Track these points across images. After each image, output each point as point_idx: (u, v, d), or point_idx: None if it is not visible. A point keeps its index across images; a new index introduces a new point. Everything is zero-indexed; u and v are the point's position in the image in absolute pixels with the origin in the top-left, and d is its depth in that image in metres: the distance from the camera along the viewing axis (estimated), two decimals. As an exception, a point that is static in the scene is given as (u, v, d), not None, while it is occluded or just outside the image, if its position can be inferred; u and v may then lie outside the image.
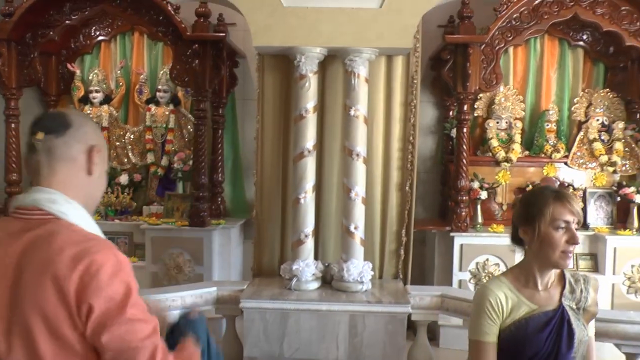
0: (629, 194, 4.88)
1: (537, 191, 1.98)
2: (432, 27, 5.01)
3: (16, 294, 1.22)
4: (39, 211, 1.32)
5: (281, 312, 3.60)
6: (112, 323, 1.21)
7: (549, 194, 1.87)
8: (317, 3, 3.63)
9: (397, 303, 3.60)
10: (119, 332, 1.22)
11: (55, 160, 1.36)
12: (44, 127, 1.35)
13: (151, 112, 5.36)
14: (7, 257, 1.26)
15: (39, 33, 4.95)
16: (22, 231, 1.28)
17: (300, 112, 3.75)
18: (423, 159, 5.52)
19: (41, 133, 1.35)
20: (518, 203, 2.02)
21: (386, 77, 4.00)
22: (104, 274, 1.21)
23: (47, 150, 1.35)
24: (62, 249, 1.22)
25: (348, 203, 3.78)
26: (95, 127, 1.50)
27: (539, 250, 1.84)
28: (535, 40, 5.24)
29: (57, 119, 1.38)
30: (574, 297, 1.89)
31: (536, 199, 1.88)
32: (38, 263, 1.22)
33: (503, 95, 5.18)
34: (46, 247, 1.24)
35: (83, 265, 1.20)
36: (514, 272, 1.94)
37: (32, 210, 1.32)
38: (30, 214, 1.32)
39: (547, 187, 1.95)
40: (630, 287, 4.78)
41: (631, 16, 4.58)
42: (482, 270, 4.75)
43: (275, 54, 3.94)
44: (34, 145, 1.35)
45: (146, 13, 4.88)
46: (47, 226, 1.29)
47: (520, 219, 1.91)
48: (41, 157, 1.35)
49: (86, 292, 1.19)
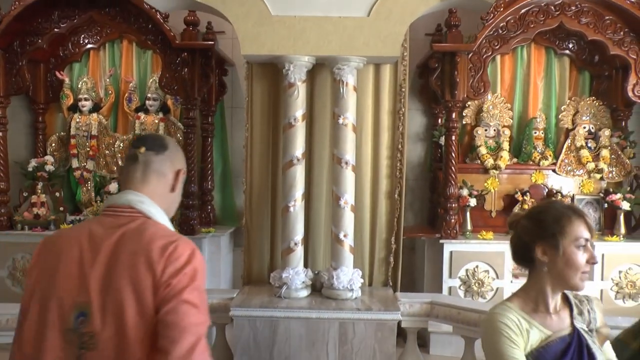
0: (615, 200, 4.93)
1: (551, 206, 1.79)
2: (420, 35, 5.05)
3: (112, 275, 1.46)
4: (129, 209, 1.59)
5: (271, 320, 3.60)
6: (173, 299, 1.43)
7: (567, 210, 1.75)
8: (304, 12, 3.65)
9: (387, 310, 3.61)
10: (175, 308, 1.43)
11: (150, 172, 1.66)
12: (146, 143, 1.67)
13: (140, 120, 5.34)
14: (104, 246, 1.50)
15: (27, 41, 4.94)
16: (115, 226, 1.55)
17: (289, 121, 3.76)
18: (412, 166, 5.55)
19: (143, 148, 1.65)
20: (527, 219, 1.80)
21: (374, 86, 4.03)
22: (181, 262, 1.48)
23: (145, 163, 1.65)
24: (153, 240, 1.50)
25: (337, 211, 3.79)
26: (183, 155, 1.83)
27: (560, 271, 1.71)
28: (522, 48, 5.28)
29: (157, 141, 1.72)
30: (584, 319, 1.79)
31: (557, 215, 1.73)
32: (132, 250, 1.49)
33: (491, 103, 5.22)
34: (139, 238, 1.51)
35: (168, 252, 1.48)
36: (520, 296, 1.79)
37: (123, 209, 1.60)
38: (121, 212, 1.59)
39: (557, 202, 1.85)
40: (618, 293, 4.81)
41: (615, 25, 4.64)
42: (472, 277, 4.77)
43: (264, 63, 3.96)
44: (136, 155, 1.65)
45: (135, 21, 4.88)
46: (137, 222, 1.57)
47: (536, 236, 1.74)
48: (138, 167, 1.65)
49: (167, 273, 1.45)
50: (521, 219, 1.81)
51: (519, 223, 1.81)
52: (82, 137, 5.35)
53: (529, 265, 1.79)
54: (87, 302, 1.45)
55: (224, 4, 3.68)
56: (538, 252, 1.73)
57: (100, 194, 5.31)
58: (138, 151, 1.65)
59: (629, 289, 4.78)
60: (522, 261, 1.82)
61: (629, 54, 4.66)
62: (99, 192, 5.36)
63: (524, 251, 1.78)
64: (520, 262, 1.83)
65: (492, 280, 4.77)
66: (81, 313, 1.44)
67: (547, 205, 1.82)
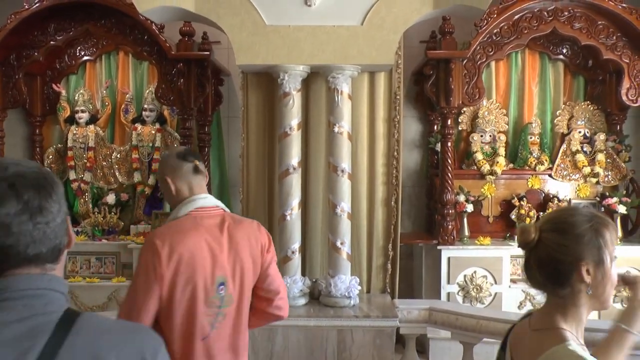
0: (612, 204, 4.94)
1: (580, 215, 1.49)
2: (414, 42, 5.08)
3: (236, 252, 2.03)
4: (216, 208, 2.09)
5: (269, 329, 3.59)
6: (272, 261, 2.15)
7: (599, 217, 1.49)
8: (298, 21, 3.67)
9: (385, 317, 3.61)
10: (273, 269, 2.15)
11: (203, 178, 2.14)
12: (196, 157, 2.13)
13: (137, 131, 5.36)
14: (223, 237, 2.03)
15: (24, 54, 4.97)
16: (220, 222, 2.06)
17: (284, 130, 3.78)
18: (408, 173, 5.56)
19: (196, 160, 2.11)
20: (559, 234, 1.45)
21: (369, 94, 4.05)
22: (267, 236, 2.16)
23: (202, 171, 2.12)
24: (249, 224, 2.12)
25: (334, 219, 3.80)
26: None
27: (602, 291, 1.47)
28: (517, 54, 5.32)
29: (196, 153, 2.34)
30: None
31: (595, 225, 1.45)
32: (243, 233, 2.07)
33: (486, 109, 5.24)
34: (241, 225, 2.09)
35: (261, 231, 2.15)
36: (567, 329, 1.45)
37: (213, 208, 2.08)
38: (213, 210, 2.08)
39: (579, 208, 1.60)
40: (616, 296, 4.80)
41: (607, 30, 4.68)
42: (470, 282, 4.77)
43: (259, 72, 3.98)
44: (197, 166, 2.09)
45: (131, 33, 4.92)
46: (226, 215, 2.10)
47: (579, 254, 1.43)
48: (201, 176, 2.11)
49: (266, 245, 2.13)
50: (543, 234, 1.47)
51: (544, 240, 1.47)
52: (79, 149, 5.37)
53: (562, 288, 1.46)
54: (224, 275, 2.00)
55: (219, 15, 3.70)
56: (583, 272, 1.43)
57: (98, 205, 5.32)
58: (196, 164, 2.09)
59: (627, 292, 4.76)
60: (555, 285, 1.47)
61: (622, 59, 4.70)
62: (97, 204, 5.37)
63: (559, 274, 1.45)
64: (550, 286, 1.48)
65: (490, 286, 4.77)
66: (221, 283, 2.00)
67: (574, 214, 1.50)
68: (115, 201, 5.33)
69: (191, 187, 2.09)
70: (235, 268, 2.04)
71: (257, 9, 3.69)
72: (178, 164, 2.09)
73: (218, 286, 2.01)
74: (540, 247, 1.47)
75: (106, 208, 5.27)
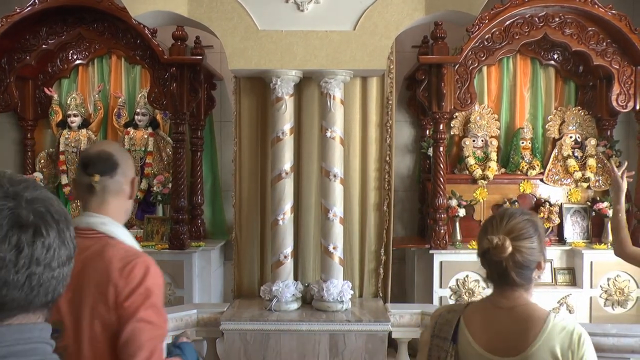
0: (602, 208, 4.98)
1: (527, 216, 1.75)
2: (406, 47, 5.10)
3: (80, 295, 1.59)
4: (91, 232, 1.69)
5: (262, 333, 3.59)
6: (130, 319, 1.57)
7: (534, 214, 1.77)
8: (291, 26, 3.68)
9: (377, 321, 3.61)
10: (131, 327, 1.57)
11: (108, 194, 1.74)
12: (98, 170, 1.71)
13: (130, 135, 5.35)
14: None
15: (15, 58, 4.95)
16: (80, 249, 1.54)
17: (277, 134, 3.78)
18: (401, 177, 5.58)
19: (97, 175, 1.71)
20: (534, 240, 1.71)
21: (361, 99, 4.06)
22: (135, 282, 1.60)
23: (102, 188, 1.73)
24: (111, 262, 1.61)
25: (326, 223, 3.80)
26: (130, 158, 1.89)
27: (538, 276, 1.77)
28: (508, 59, 5.35)
29: (108, 162, 1.74)
30: None
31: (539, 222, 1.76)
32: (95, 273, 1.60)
33: (478, 114, 5.27)
34: (100, 261, 1.62)
35: (125, 273, 1.59)
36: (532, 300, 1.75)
37: (86, 231, 1.68)
38: (84, 234, 1.66)
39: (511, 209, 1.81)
40: (607, 300, 4.85)
41: (598, 36, 4.72)
42: (462, 286, 4.79)
43: (252, 77, 3.99)
44: (92, 185, 1.71)
45: (123, 37, 4.91)
46: (99, 244, 1.66)
47: (541, 250, 1.73)
48: (96, 194, 1.72)
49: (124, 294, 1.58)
50: (514, 243, 1.67)
51: (519, 248, 1.67)
52: (72, 153, 5.35)
53: (529, 281, 1.72)
54: (59, 321, 1.56)
55: (211, 20, 3.71)
56: (543, 264, 1.72)
57: (90, 209, 5.30)
58: (92, 180, 1.71)
59: (618, 296, 4.81)
60: (525, 280, 1.71)
61: (612, 65, 4.74)
62: (89, 208, 5.34)
63: (530, 270, 1.71)
64: (520, 282, 1.70)
65: (482, 290, 4.79)
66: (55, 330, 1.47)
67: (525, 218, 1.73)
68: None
69: (84, 202, 1.77)
70: (76, 314, 1.60)
71: (249, 14, 3.69)
72: (78, 172, 1.78)
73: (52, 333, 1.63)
74: (516, 255, 1.67)
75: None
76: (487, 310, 1.76)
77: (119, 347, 1.57)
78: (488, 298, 1.79)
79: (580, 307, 4.82)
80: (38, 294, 0.90)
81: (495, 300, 1.75)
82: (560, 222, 5.13)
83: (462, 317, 1.77)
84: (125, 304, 1.58)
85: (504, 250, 1.65)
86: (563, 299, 4.81)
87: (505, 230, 1.69)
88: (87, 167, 1.73)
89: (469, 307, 1.80)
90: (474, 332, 1.73)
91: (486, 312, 1.76)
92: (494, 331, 1.71)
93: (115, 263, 1.61)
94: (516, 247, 1.66)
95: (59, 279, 0.93)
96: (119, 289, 1.59)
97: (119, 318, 1.58)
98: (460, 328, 1.76)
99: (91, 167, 1.72)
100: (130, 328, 1.57)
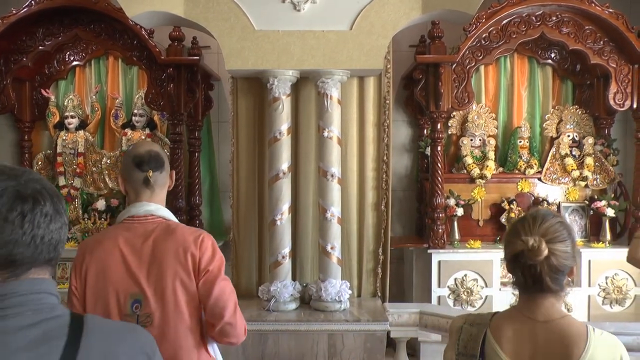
0: (600, 207, 4.98)
1: (559, 218, 1.68)
2: (403, 47, 5.10)
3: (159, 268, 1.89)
4: (151, 217, 1.99)
5: (260, 334, 3.59)
6: (216, 280, 1.92)
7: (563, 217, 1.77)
8: (288, 26, 3.68)
9: (376, 321, 3.61)
10: (220, 285, 1.92)
11: (157, 187, 2.05)
12: (151, 167, 2.02)
13: (127, 136, 5.34)
14: (144, 249, 1.91)
15: (12, 59, 4.94)
16: (147, 231, 1.95)
17: (274, 135, 3.78)
18: (399, 177, 5.58)
19: (151, 171, 2.02)
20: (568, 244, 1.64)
21: (359, 98, 4.06)
22: (210, 250, 1.95)
23: (155, 182, 2.03)
24: (184, 235, 1.94)
25: (324, 223, 3.80)
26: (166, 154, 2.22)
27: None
28: (505, 59, 5.35)
29: (158, 160, 2.06)
30: None
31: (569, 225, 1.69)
32: (173, 246, 1.91)
33: (476, 113, 5.27)
34: (173, 236, 1.94)
35: (199, 243, 1.94)
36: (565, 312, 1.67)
37: (146, 217, 1.99)
38: (144, 220, 1.98)
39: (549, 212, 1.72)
40: (606, 299, 4.85)
41: (595, 35, 4.72)
42: (460, 286, 4.79)
43: (249, 77, 3.99)
44: (148, 179, 2.02)
45: (120, 38, 4.91)
46: (162, 225, 1.98)
47: (575, 254, 1.67)
48: (150, 186, 2.03)
49: (204, 261, 1.93)
50: (550, 245, 1.60)
51: (554, 251, 1.60)
52: (69, 155, 5.34)
53: (562, 288, 1.64)
54: (139, 292, 1.87)
55: (208, 20, 3.71)
56: (574, 269, 1.67)
57: (88, 211, 5.29)
58: (148, 175, 2.02)
59: (616, 294, 4.82)
60: (559, 286, 1.63)
61: (609, 63, 4.75)
62: (87, 210, 5.34)
63: (564, 275, 1.63)
64: (555, 287, 1.62)
65: (481, 289, 4.79)
66: (136, 300, 1.85)
67: (558, 220, 1.66)
68: (106, 207, 5.30)
69: (138, 194, 2.05)
70: (157, 284, 1.89)
71: (246, 14, 3.69)
72: (131, 169, 2.04)
73: (132, 304, 1.87)
74: (551, 259, 1.58)
75: (96, 214, 5.24)
76: (519, 322, 1.64)
77: (212, 304, 1.91)
78: (517, 308, 1.68)
79: (579, 306, 4.83)
80: (42, 251, 1.12)
81: (527, 310, 1.64)
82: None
83: (488, 330, 1.65)
84: (210, 268, 1.92)
85: (540, 253, 1.57)
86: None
87: (539, 233, 1.60)
88: (142, 164, 2.01)
89: (495, 318, 1.68)
90: (506, 348, 1.61)
91: (518, 324, 1.64)
92: (530, 348, 1.60)
93: (188, 237, 1.94)
94: (552, 250, 1.58)
95: (57, 240, 1.15)
96: (198, 257, 1.92)
97: (205, 282, 1.91)
98: (489, 343, 1.64)
99: (145, 164, 2.02)
100: (219, 287, 1.92)
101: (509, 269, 1.68)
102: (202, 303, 1.94)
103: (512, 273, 1.66)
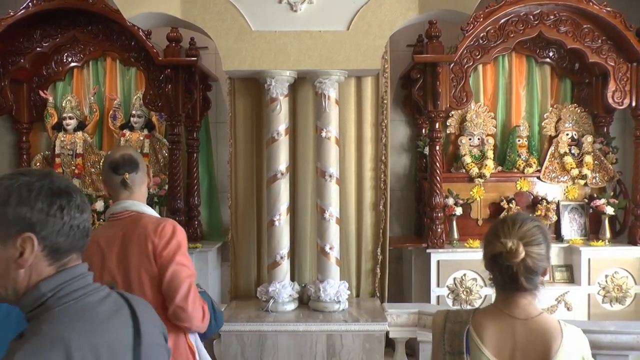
0: (599, 205, 4.97)
1: (536, 222, 1.78)
2: (401, 46, 5.09)
3: (126, 256, 2.14)
4: (126, 212, 2.24)
5: (259, 334, 3.60)
6: (170, 263, 2.13)
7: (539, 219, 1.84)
8: (285, 27, 3.68)
9: (374, 321, 3.61)
10: (172, 269, 2.13)
11: (134, 186, 2.28)
12: (126, 169, 2.25)
13: (125, 137, 5.33)
14: (116, 241, 2.16)
15: (9, 61, 4.94)
16: (121, 226, 2.19)
17: (272, 135, 3.78)
18: (397, 177, 5.57)
19: (127, 173, 2.25)
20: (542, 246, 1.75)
21: (356, 98, 4.06)
22: (168, 236, 2.15)
23: (132, 182, 2.27)
24: (146, 224, 2.17)
25: (322, 224, 3.80)
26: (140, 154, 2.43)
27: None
28: (503, 58, 5.34)
29: (132, 163, 2.29)
30: None
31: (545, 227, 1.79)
32: (136, 234, 2.15)
33: (474, 112, 5.26)
34: (137, 225, 2.17)
35: (159, 230, 2.15)
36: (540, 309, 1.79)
37: (122, 213, 2.24)
38: (120, 215, 2.24)
39: (526, 215, 1.82)
40: (605, 297, 4.84)
41: (593, 34, 4.71)
42: (459, 285, 4.78)
43: (246, 78, 3.99)
44: (125, 181, 2.25)
45: (118, 39, 4.90)
46: (133, 217, 2.22)
47: (549, 255, 1.78)
48: (127, 187, 2.26)
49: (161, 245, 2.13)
50: (527, 248, 1.69)
51: (530, 254, 1.69)
52: (67, 156, 5.34)
53: (536, 287, 1.74)
54: (112, 281, 2.08)
55: (205, 21, 3.70)
56: (548, 270, 1.77)
57: (87, 212, 5.28)
58: (125, 178, 2.24)
59: (616, 293, 4.81)
60: (533, 285, 1.73)
61: (607, 62, 4.74)
62: (85, 211, 5.33)
63: (538, 276, 1.74)
64: (530, 286, 1.73)
65: (480, 288, 4.78)
66: (111, 287, 1.97)
67: (535, 224, 1.76)
68: (104, 208, 5.28)
69: (117, 195, 2.29)
70: (126, 271, 2.14)
71: (243, 15, 3.69)
72: (109, 174, 2.28)
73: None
74: (527, 260, 1.69)
75: (95, 215, 5.24)
76: (499, 319, 1.74)
77: (165, 286, 2.12)
78: (496, 305, 1.77)
79: (578, 304, 4.82)
80: (77, 239, 1.28)
81: (506, 308, 1.74)
82: (558, 220, 5.13)
83: (470, 327, 1.74)
84: (164, 253, 2.13)
85: (517, 255, 1.66)
86: (561, 297, 4.80)
87: (518, 235, 1.70)
88: (118, 169, 2.24)
89: (475, 315, 1.77)
90: (488, 344, 1.71)
91: (498, 321, 1.74)
92: (511, 344, 1.69)
93: (150, 226, 2.17)
94: (528, 252, 1.68)
95: (86, 229, 1.31)
96: (156, 243, 2.13)
97: (160, 265, 2.13)
98: (472, 339, 1.73)
99: (121, 168, 2.24)
100: (171, 270, 2.12)
101: (487, 267, 1.77)
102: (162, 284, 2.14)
103: (490, 272, 1.77)
